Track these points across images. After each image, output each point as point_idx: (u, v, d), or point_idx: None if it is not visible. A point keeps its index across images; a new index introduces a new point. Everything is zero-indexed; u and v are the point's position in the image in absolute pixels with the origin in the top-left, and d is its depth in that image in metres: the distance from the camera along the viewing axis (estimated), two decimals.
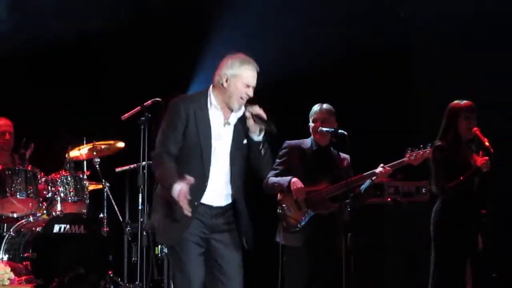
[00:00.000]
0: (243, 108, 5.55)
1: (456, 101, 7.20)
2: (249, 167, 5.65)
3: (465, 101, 7.18)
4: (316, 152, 7.36)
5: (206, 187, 5.48)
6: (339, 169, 7.21)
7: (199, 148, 5.47)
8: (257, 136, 5.54)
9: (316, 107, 7.38)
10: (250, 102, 5.58)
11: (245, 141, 5.57)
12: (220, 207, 5.56)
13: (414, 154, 7.11)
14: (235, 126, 5.58)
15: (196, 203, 5.43)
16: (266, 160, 5.62)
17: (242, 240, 5.59)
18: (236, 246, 5.58)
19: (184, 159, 5.49)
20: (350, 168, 7.28)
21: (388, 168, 7.14)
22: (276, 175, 7.25)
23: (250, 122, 5.52)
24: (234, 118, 5.58)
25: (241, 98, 5.49)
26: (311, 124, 7.37)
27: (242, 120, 5.57)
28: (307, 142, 7.42)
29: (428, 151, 7.10)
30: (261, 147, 5.54)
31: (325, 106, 7.36)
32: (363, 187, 7.20)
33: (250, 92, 5.51)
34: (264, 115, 5.50)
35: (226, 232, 5.57)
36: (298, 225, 7.19)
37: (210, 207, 5.54)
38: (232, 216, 5.60)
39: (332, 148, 7.36)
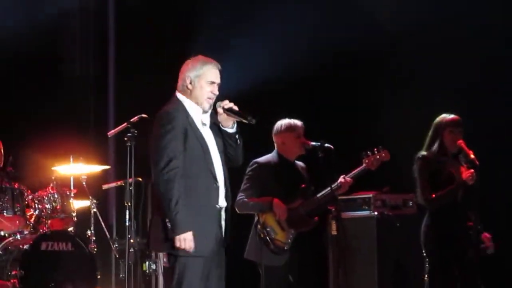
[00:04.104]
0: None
1: (443, 115, 7.23)
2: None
3: (451, 116, 7.20)
4: (287, 168, 7.26)
5: (219, 188, 5.51)
6: (308, 182, 7.23)
7: (201, 150, 5.51)
8: (231, 128, 5.60)
9: (293, 122, 7.28)
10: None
11: (221, 138, 5.63)
12: (226, 209, 5.58)
13: (371, 159, 7.14)
14: (211, 127, 5.62)
15: (218, 206, 5.49)
16: (240, 147, 5.66)
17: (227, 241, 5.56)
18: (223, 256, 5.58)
19: (191, 164, 5.46)
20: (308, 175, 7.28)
21: (349, 179, 7.14)
22: (249, 196, 7.11)
23: (222, 117, 5.57)
24: (207, 118, 5.62)
25: (209, 97, 5.55)
26: (292, 140, 7.23)
27: (212, 118, 5.63)
28: (274, 157, 7.30)
29: (383, 154, 7.14)
30: (237, 136, 5.61)
31: (298, 121, 7.30)
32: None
33: (215, 90, 5.58)
34: (236, 107, 5.55)
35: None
36: (285, 247, 7.11)
37: (225, 209, 5.56)
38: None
39: (295, 161, 7.33)
